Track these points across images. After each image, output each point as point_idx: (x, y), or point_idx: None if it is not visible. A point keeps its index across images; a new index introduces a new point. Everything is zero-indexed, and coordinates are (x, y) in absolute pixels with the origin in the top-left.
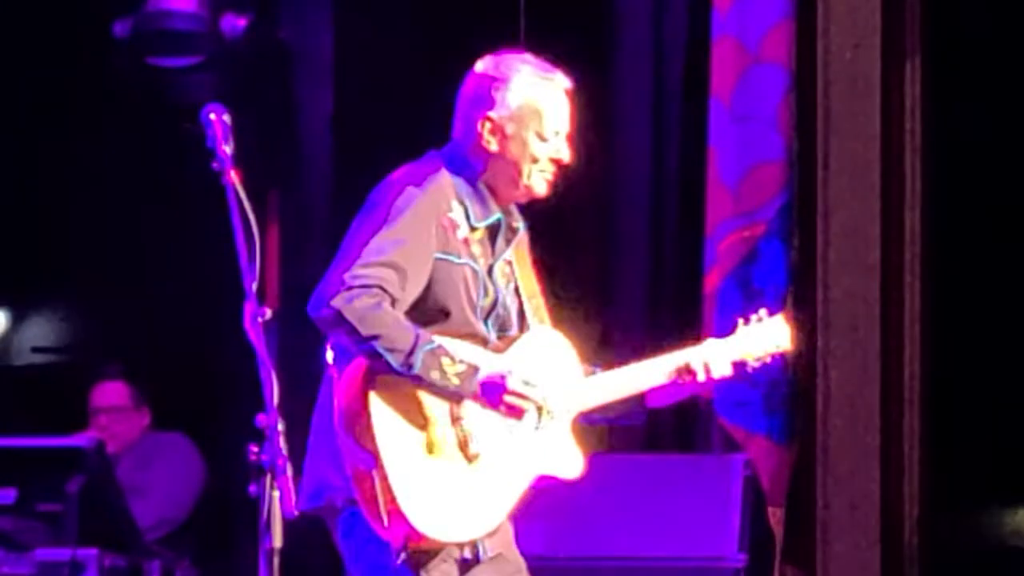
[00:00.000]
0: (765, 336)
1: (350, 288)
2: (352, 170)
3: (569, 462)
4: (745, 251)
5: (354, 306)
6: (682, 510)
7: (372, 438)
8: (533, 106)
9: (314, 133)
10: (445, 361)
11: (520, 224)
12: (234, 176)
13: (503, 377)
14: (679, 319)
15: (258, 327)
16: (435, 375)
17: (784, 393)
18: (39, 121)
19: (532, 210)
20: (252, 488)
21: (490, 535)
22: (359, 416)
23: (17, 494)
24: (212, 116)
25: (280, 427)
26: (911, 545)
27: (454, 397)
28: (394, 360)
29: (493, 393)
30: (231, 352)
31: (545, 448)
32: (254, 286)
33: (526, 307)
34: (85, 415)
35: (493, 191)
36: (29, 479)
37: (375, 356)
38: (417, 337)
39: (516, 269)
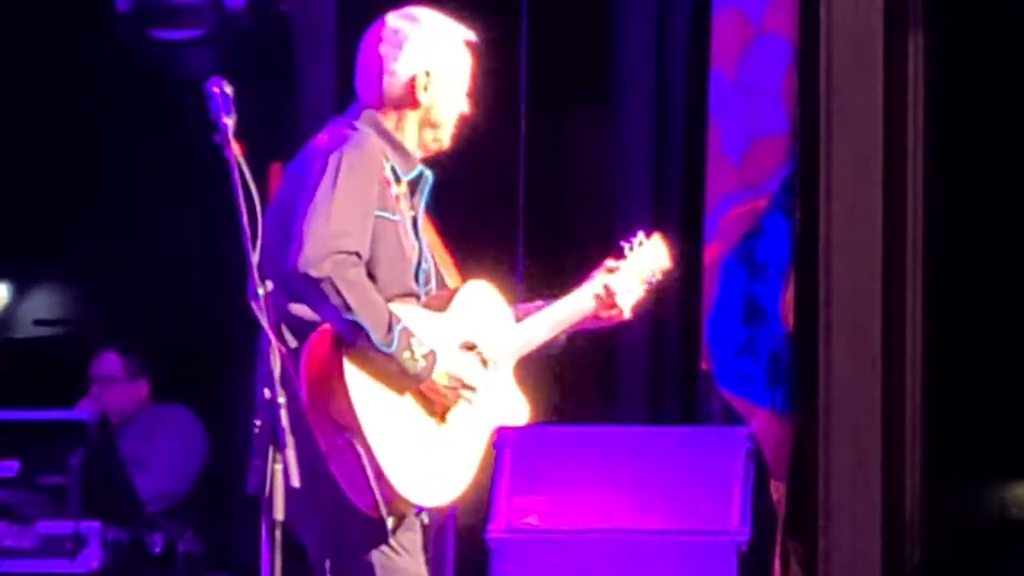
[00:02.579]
0: (650, 256)
1: (336, 253)
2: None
3: (517, 410)
4: (748, 224)
5: (343, 273)
6: (684, 483)
7: (350, 406)
8: (460, 60)
9: (316, 106)
10: (414, 342)
11: (429, 174)
12: (236, 149)
13: (452, 388)
14: (682, 291)
15: (260, 300)
16: (406, 355)
17: (787, 366)
18: (40, 94)
19: (533, 190)
20: (254, 461)
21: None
22: (333, 386)
23: (19, 466)
24: (214, 89)
25: (282, 400)
26: (913, 519)
27: (413, 380)
28: (375, 335)
29: (438, 394)
30: (234, 325)
31: (496, 400)
32: (256, 259)
33: (437, 260)
34: (87, 387)
35: (418, 145)
36: (31, 451)
37: (356, 329)
38: (391, 313)
39: (423, 225)
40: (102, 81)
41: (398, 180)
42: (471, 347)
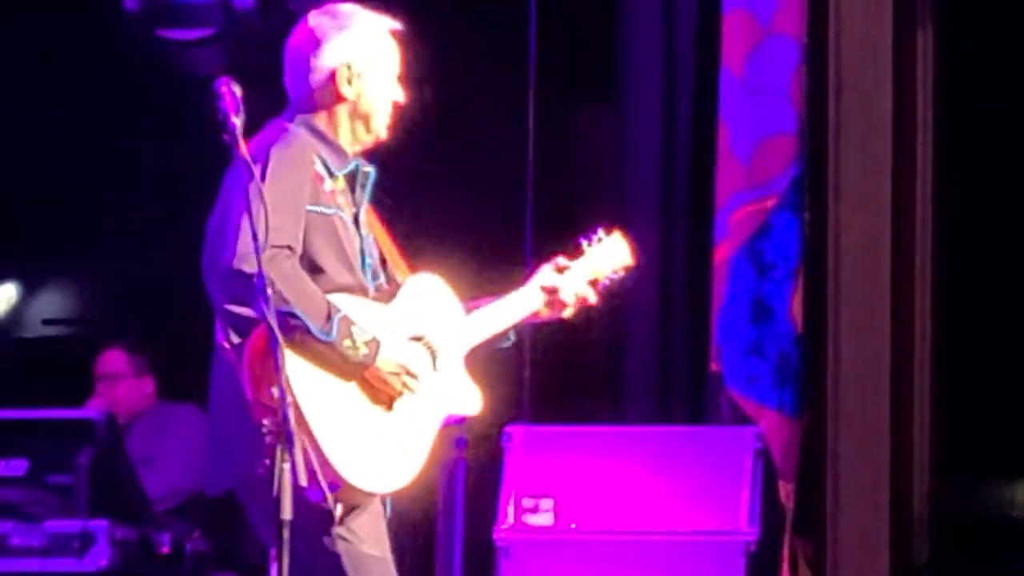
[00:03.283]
0: (609, 254)
1: (269, 247)
2: None
3: (467, 399)
4: (757, 224)
5: (279, 267)
6: (692, 483)
7: (292, 398)
8: (382, 48)
9: None
10: (355, 330)
11: (370, 169)
12: (245, 149)
13: (395, 375)
14: (690, 291)
15: (268, 299)
16: (347, 343)
17: (795, 367)
18: (49, 93)
19: (540, 188)
20: (264, 461)
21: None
22: (270, 375)
23: (28, 466)
24: (223, 88)
25: (290, 398)
26: (921, 518)
27: (356, 369)
28: (313, 325)
29: (382, 383)
30: None
31: (445, 389)
32: (265, 258)
33: (386, 255)
34: (94, 386)
35: (352, 139)
36: (40, 451)
37: (292, 321)
38: (330, 303)
39: (369, 219)
40: (111, 81)
41: (332, 176)
42: (418, 338)
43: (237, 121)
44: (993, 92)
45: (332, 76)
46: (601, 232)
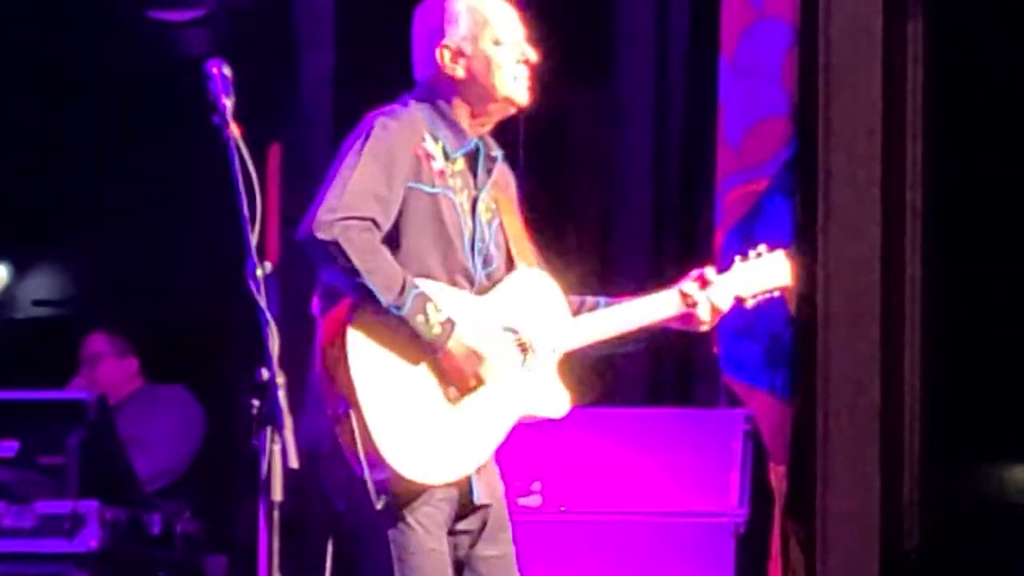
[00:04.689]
0: (765, 272)
1: (346, 218)
2: (353, 124)
3: (554, 402)
4: (748, 206)
5: (351, 237)
6: (683, 465)
7: (348, 375)
8: (480, 18)
9: (315, 87)
10: (430, 307)
11: (497, 153)
12: (235, 130)
13: (470, 359)
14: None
15: (258, 281)
16: (419, 319)
17: (786, 349)
18: (39, 75)
19: (533, 168)
20: (252, 442)
21: (479, 480)
22: (337, 354)
23: (18, 447)
24: (214, 70)
25: (280, 381)
26: (911, 501)
27: (429, 347)
28: (384, 298)
29: (454, 369)
30: (232, 306)
31: (530, 388)
32: (254, 240)
33: (512, 246)
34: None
35: (473, 117)
36: (30, 432)
37: (365, 293)
38: (406, 278)
39: (500, 206)
40: (101, 62)
41: (448, 156)
42: (510, 331)
43: (228, 102)
44: (984, 74)
45: (441, 57)
46: (762, 247)
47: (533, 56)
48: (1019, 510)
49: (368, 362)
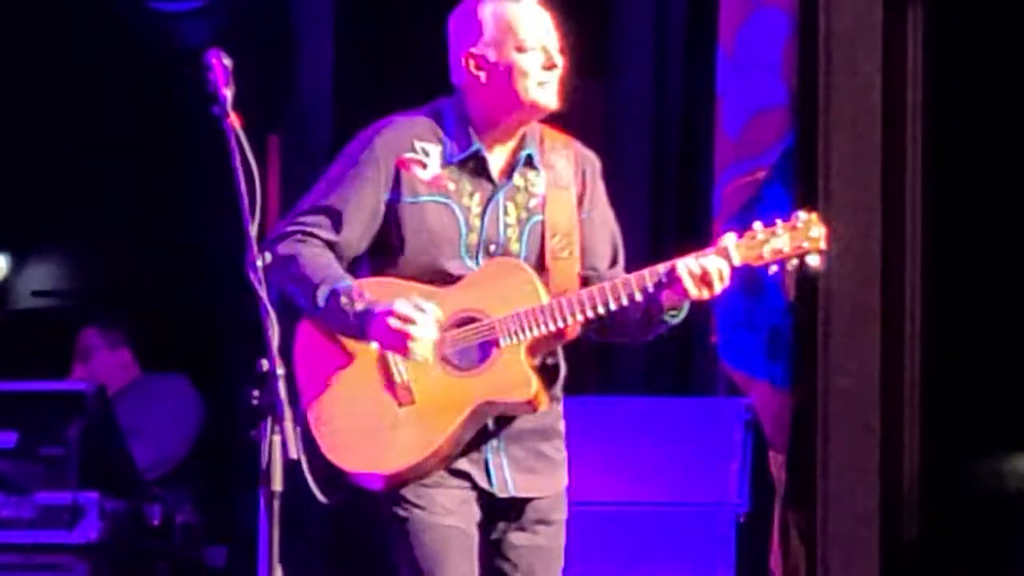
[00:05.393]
0: (796, 234)
1: (282, 234)
2: (353, 114)
3: (515, 387)
4: (747, 196)
5: (278, 251)
6: (683, 454)
7: (296, 372)
8: (503, 24)
9: (315, 77)
10: (343, 300)
11: (530, 151)
12: (234, 120)
13: (386, 314)
14: None
15: (258, 272)
16: (336, 313)
17: (786, 339)
18: (37, 66)
19: None
20: (252, 433)
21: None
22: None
23: (18, 438)
24: (213, 60)
25: (280, 372)
26: (911, 491)
27: (359, 336)
28: (303, 299)
29: (381, 331)
30: (232, 296)
31: (490, 376)
32: (254, 230)
33: (548, 244)
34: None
35: (501, 121)
36: (30, 423)
37: (291, 297)
38: (326, 276)
39: (547, 203)
40: (100, 52)
41: (447, 163)
42: (471, 319)
43: (227, 93)
44: (984, 66)
45: (467, 64)
46: (782, 221)
47: (560, 61)
48: (1019, 501)
49: (311, 353)
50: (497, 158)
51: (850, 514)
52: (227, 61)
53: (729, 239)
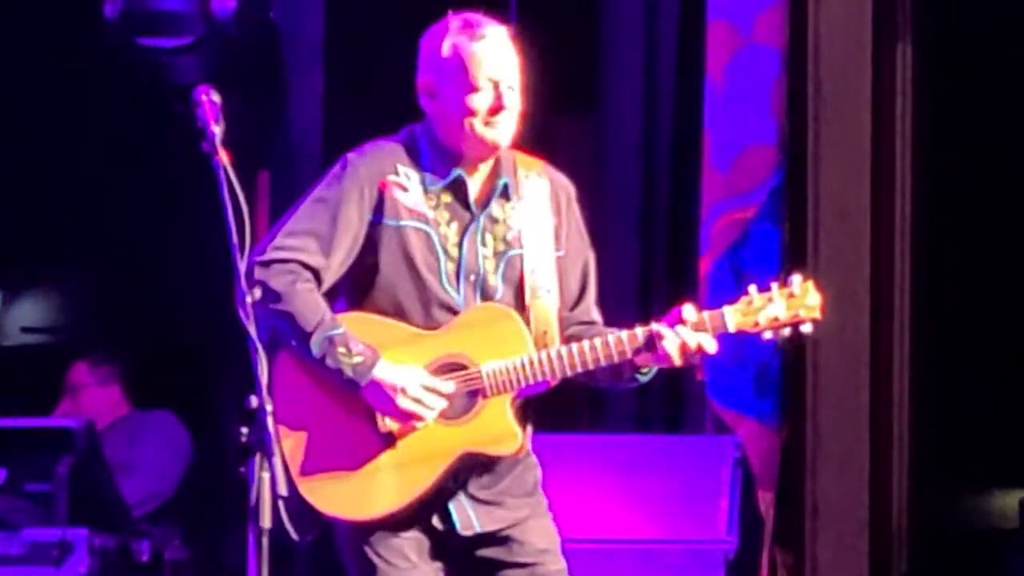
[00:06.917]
0: (792, 302)
1: (270, 262)
2: (342, 151)
3: (502, 440)
4: (736, 234)
5: (270, 286)
6: (671, 491)
7: (275, 404)
8: (457, 62)
9: (304, 114)
10: (340, 351)
11: (505, 180)
12: (224, 157)
13: (395, 390)
14: (670, 302)
15: (247, 308)
16: (330, 362)
17: (774, 376)
18: (30, 102)
19: None
20: (241, 470)
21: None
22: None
23: (6, 474)
24: (202, 97)
25: (269, 408)
26: (900, 527)
27: (349, 388)
28: (296, 340)
29: (382, 400)
30: (221, 333)
31: (475, 426)
32: (243, 266)
33: (527, 281)
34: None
35: (452, 150)
36: (18, 459)
37: (282, 334)
38: (321, 321)
39: (524, 238)
40: (90, 89)
41: (427, 189)
42: (456, 367)
43: (216, 129)
44: (972, 102)
45: (420, 93)
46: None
47: (510, 103)
48: (1006, 537)
49: (290, 388)
50: (474, 184)
51: (839, 552)
52: (216, 97)
53: (726, 309)
